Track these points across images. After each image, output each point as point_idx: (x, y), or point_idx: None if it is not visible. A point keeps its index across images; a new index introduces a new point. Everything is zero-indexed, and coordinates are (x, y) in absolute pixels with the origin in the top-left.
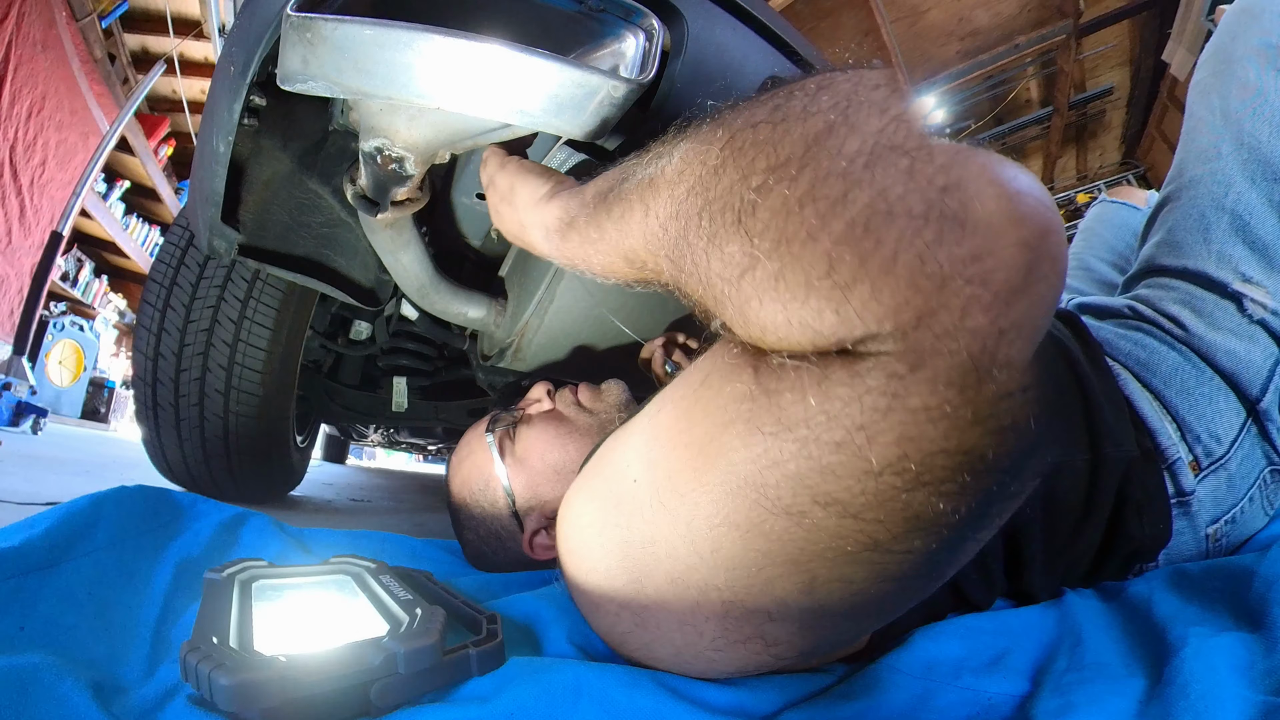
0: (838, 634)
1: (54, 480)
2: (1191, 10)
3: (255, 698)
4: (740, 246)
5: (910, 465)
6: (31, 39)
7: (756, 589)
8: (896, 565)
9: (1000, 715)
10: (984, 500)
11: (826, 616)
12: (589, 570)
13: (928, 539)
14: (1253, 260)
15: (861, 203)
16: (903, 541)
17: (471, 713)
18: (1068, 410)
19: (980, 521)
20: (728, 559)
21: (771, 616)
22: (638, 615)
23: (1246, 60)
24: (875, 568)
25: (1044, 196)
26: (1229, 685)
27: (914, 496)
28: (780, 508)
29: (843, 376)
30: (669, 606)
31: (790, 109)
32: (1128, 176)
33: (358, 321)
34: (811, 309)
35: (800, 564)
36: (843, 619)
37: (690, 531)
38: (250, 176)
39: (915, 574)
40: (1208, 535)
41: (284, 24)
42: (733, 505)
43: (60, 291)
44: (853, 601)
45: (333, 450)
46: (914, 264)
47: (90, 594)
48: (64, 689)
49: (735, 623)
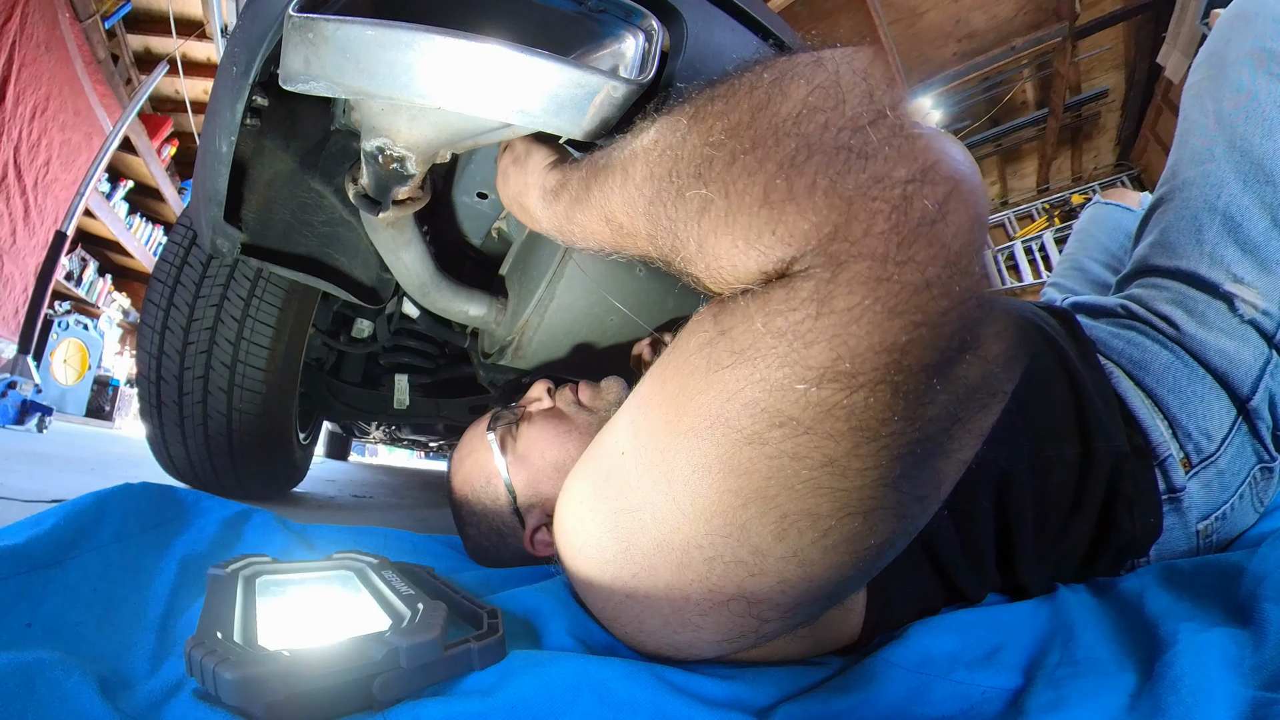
0: (817, 593)
1: (59, 478)
2: (1186, 14)
3: (259, 692)
4: (699, 191)
5: (844, 365)
6: (35, 40)
7: (734, 539)
8: (858, 495)
9: (993, 709)
10: (922, 408)
11: (803, 568)
12: (581, 547)
13: (877, 452)
14: (1244, 261)
15: (789, 148)
16: (855, 457)
17: (473, 706)
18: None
19: (929, 443)
20: (705, 507)
21: (751, 571)
22: (628, 586)
23: (1240, 64)
24: (838, 497)
25: (937, 137)
26: (1219, 680)
27: (854, 400)
28: (744, 437)
29: (781, 295)
30: (657, 572)
31: (741, 85)
32: (1122, 178)
33: (360, 319)
34: (754, 233)
35: (769, 498)
36: (819, 573)
37: (670, 487)
38: (253, 176)
39: (878, 508)
40: (1198, 531)
41: (286, 24)
42: (703, 447)
43: (65, 291)
44: (824, 545)
45: (335, 447)
46: (828, 189)
47: (96, 590)
48: (70, 685)
49: (718, 580)
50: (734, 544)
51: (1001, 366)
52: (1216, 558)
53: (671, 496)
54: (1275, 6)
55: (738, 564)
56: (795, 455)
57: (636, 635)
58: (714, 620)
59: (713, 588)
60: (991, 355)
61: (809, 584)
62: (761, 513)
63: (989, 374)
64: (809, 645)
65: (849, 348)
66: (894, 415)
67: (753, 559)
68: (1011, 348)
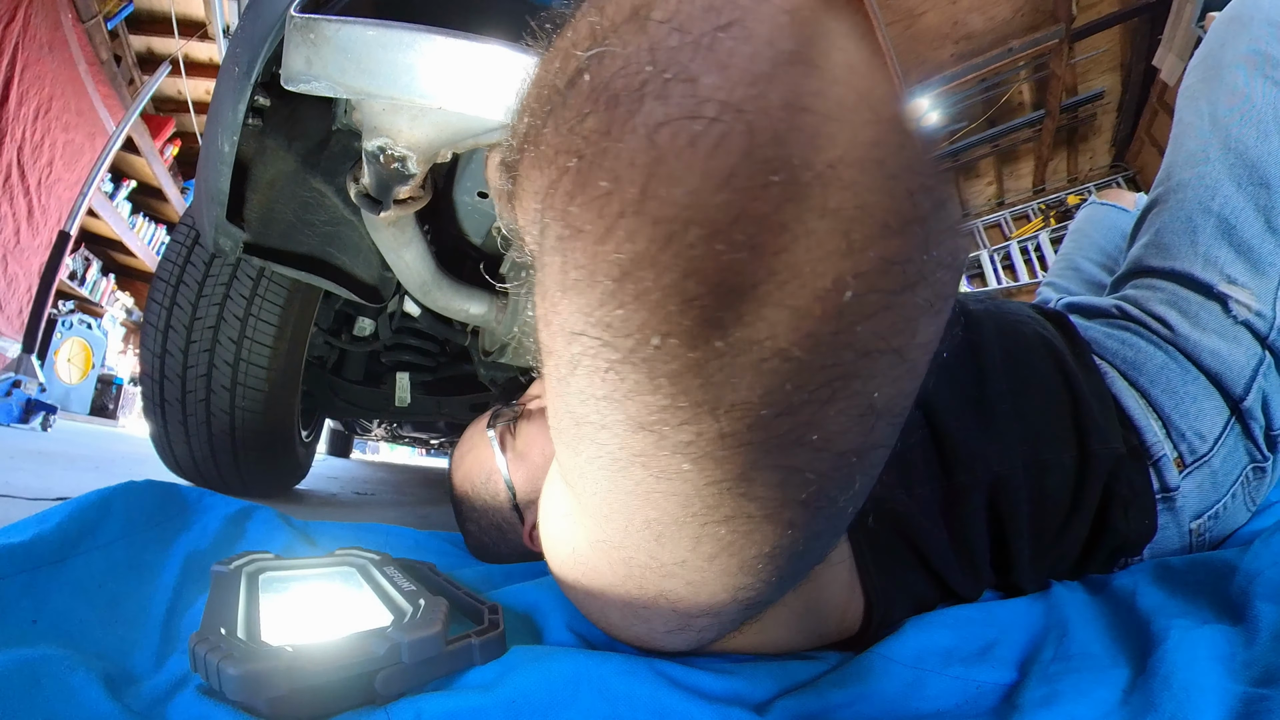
0: (728, 600)
1: (64, 476)
2: (1182, 17)
3: (263, 687)
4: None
5: (582, 335)
6: (38, 41)
7: (632, 541)
8: (698, 501)
9: (988, 703)
10: (714, 382)
11: (696, 574)
12: (549, 547)
13: (674, 450)
14: (1238, 263)
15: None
16: (655, 456)
17: (474, 701)
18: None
19: (757, 431)
20: (597, 509)
21: (659, 573)
22: (582, 583)
23: (1235, 67)
24: (675, 502)
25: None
26: (1211, 676)
27: (610, 383)
28: (574, 439)
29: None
30: (599, 571)
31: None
32: (1117, 179)
33: (361, 318)
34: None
35: (628, 504)
36: (712, 581)
37: (578, 490)
38: (255, 176)
39: (733, 515)
40: (1191, 530)
41: (288, 25)
42: (564, 426)
43: (68, 290)
44: (704, 553)
45: (337, 445)
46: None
47: (101, 587)
48: (76, 680)
49: (639, 580)
50: (633, 546)
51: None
52: (1209, 556)
53: (579, 498)
54: (1270, 10)
55: (646, 566)
56: (613, 456)
57: (607, 628)
58: (655, 615)
59: (639, 586)
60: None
61: (711, 591)
62: (629, 518)
63: (854, 311)
64: (806, 638)
65: (570, 310)
66: (669, 399)
67: (655, 562)
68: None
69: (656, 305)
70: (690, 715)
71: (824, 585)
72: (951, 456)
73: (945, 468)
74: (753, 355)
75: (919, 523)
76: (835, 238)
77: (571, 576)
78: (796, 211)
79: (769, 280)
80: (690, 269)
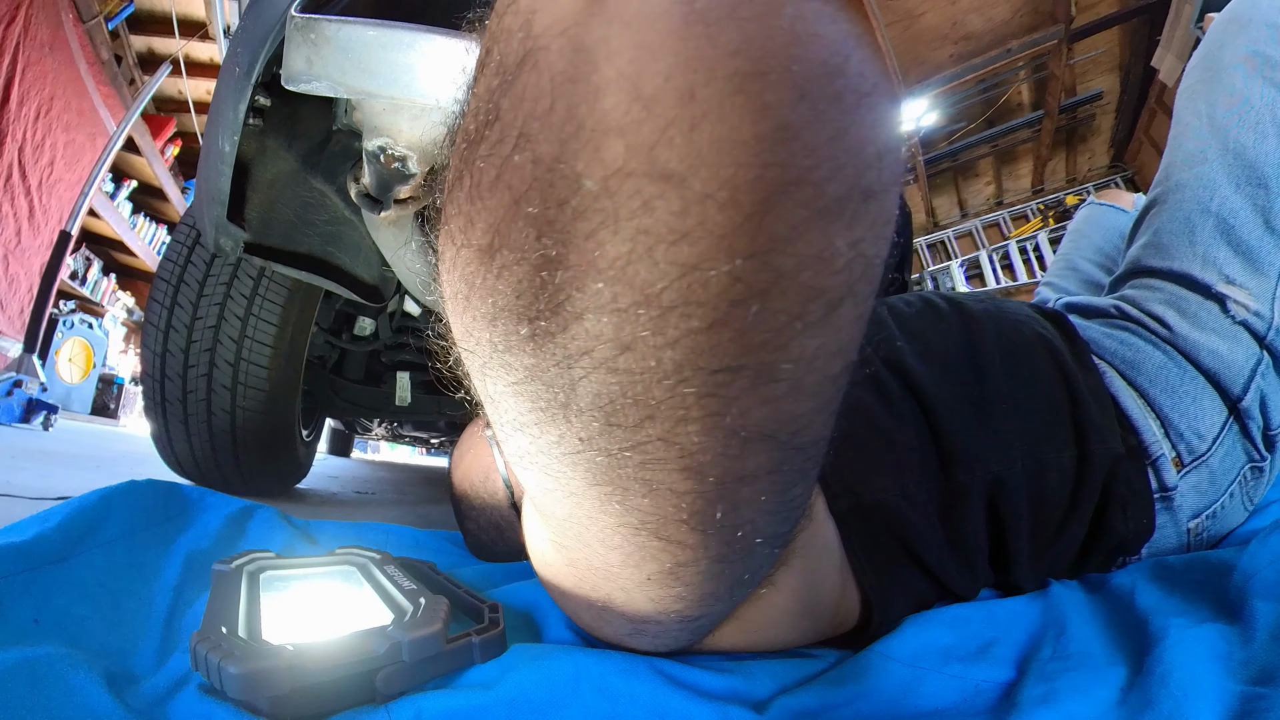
0: (679, 615)
1: (65, 475)
2: (1181, 18)
3: (264, 686)
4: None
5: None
6: (39, 41)
7: (554, 523)
8: (554, 436)
9: (986, 701)
10: (559, 366)
11: (628, 590)
12: (528, 541)
13: (562, 458)
14: (1236, 263)
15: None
16: (521, 384)
17: (474, 699)
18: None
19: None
20: (552, 511)
21: (605, 578)
22: (553, 582)
23: (1234, 68)
24: (549, 452)
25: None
26: (1208, 674)
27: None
28: (477, 390)
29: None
30: (561, 572)
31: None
32: (1116, 179)
33: (362, 317)
34: None
35: (562, 510)
36: (647, 597)
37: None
38: (255, 176)
39: (650, 528)
40: (1189, 529)
41: (288, 25)
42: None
43: (69, 290)
44: (594, 529)
45: (338, 444)
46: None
47: (102, 586)
48: (77, 680)
49: (593, 585)
50: (573, 548)
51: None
52: (1206, 555)
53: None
54: (1269, 12)
55: (589, 568)
56: (514, 454)
57: (582, 626)
58: (611, 617)
59: (591, 588)
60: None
61: (641, 601)
62: (553, 516)
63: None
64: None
65: (451, 318)
66: (529, 402)
67: (591, 565)
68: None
69: (493, 319)
70: (689, 713)
71: (815, 584)
72: (950, 456)
73: (943, 467)
74: (582, 365)
75: (914, 522)
76: (630, 250)
77: (544, 576)
78: (586, 228)
79: (578, 294)
80: (509, 287)
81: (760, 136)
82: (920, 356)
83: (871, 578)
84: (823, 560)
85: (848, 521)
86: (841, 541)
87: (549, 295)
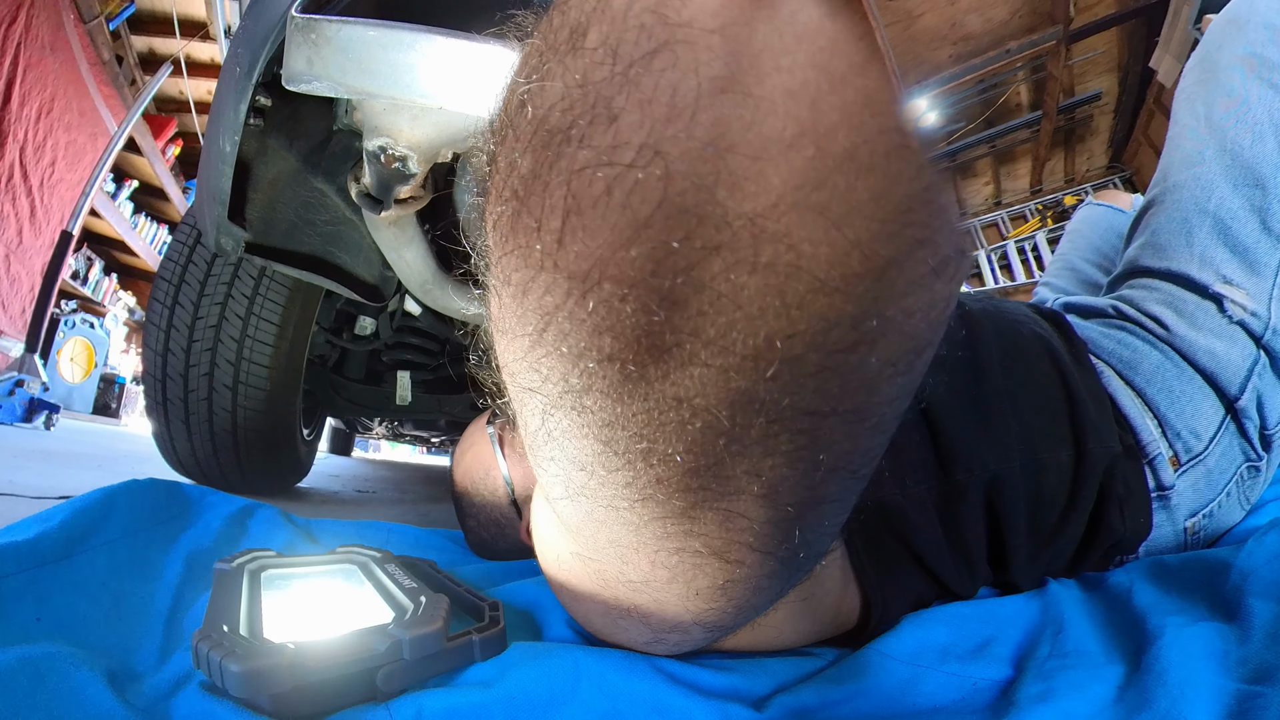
0: (695, 621)
1: (67, 474)
2: (1179, 19)
3: (265, 684)
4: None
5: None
6: (40, 41)
7: (600, 554)
8: (626, 479)
9: (984, 699)
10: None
11: (659, 595)
12: (539, 545)
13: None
14: (1233, 263)
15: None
16: (600, 428)
17: (475, 697)
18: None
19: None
20: (568, 522)
21: (630, 588)
22: (568, 587)
23: (1231, 69)
24: (616, 491)
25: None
26: (1205, 673)
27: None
28: (525, 423)
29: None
30: (580, 579)
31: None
32: (1114, 180)
33: (362, 317)
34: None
35: (572, 490)
36: (674, 604)
37: (549, 494)
38: (256, 175)
39: (682, 548)
40: (1186, 528)
41: (289, 25)
42: (526, 444)
43: (71, 290)
44: (645, 551)
45: (338, 443)
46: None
47: (104, 585)
48: (80, 678)
49: (612, 591)
50: (604, 561)
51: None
52: (1203, 553)
53: (554, 510)
54: (1267, 13)
55: (617, 580)
56: (564, 483)
57: (593, 631)
58: (630, 625)
59: (614, 597)
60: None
61: (673, 611)
62: (594, 536)
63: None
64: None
65: (505, 350)
66: (602, 445)
67: (622, 577)
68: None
69: (576, 360)
70: (689, 711)
71: (818, 583)
72: (949, 455)
73: (943, 466)
74: (680, 413)
75: (914, 521)
76: (763, 296)
77: (558, 580)
78: (718, 267)
79: (692, 339)
80: (604, 326)
81: (911, 196)
82: None
83: (873, 577)
84: (825, 561)
85: (850, 522)
86: (843, 541)
87: (656, 338)
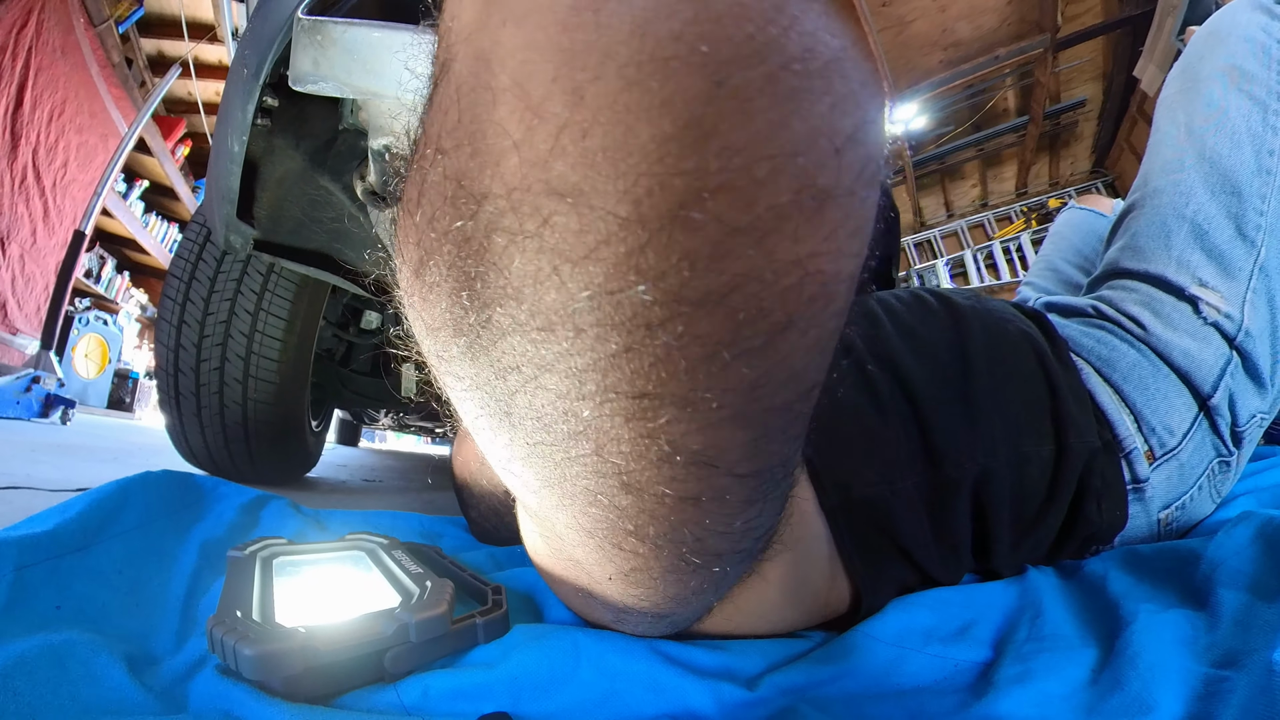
0: (652, 609)
1: (84, 467)
2: (1163, 30)
3: (278, 667)
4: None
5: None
6: (51, 45)
7: (537, 518)
8: (504, 442)
9: (965, 680)
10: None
11: (583, 554)
12: (522, 530)
13: (527, 457)
14: (1209, 266)
15: None
16: (516, 468)
17: (479, 677)
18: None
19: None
20: (534, 506)
21: (586, 576)
22: (545, 568)
23: (1212, 79)
24: (499, 456)
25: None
26: (1175, 657)
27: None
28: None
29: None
30: (551, 560)
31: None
32: (1097, 184)
33: (368, 312)
34: None
35: (542, 506)
36: (626, 594)
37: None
38: (264, 174)
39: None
40: (1159, 520)
41: (295, 27)
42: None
43: (84, 288)
44: (559, 528)
45: (346, 434)
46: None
47: (121, 573)
48: (100, 663)
49: (573, 573)
50: (555, 541)
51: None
52: (1175, 544)
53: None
54: (1247, 27)
55: (570, 560)
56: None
57: (574, 610)
58: (596, 604)
59: (574, 577)
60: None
61: (615, 594)
62: (539, 518)
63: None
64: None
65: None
66: (479, 407)
67: (572, 559)
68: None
69: (432, 332)
70: (683, 689)
71: (804, 575)
72: (939, 450)
73: (932, 461)
74: (514, 379)
75: (901, 516)
76: (533, 266)
77: (536, 562)
78: (498, 245)
79: (502, 311)
80: (441, 305)
81: (662, 138)
82: (912, 352)
83: (861, 570)
84: (812, 553)
85: (837, 516)
86: (831, 535)
87: (475, 313)
